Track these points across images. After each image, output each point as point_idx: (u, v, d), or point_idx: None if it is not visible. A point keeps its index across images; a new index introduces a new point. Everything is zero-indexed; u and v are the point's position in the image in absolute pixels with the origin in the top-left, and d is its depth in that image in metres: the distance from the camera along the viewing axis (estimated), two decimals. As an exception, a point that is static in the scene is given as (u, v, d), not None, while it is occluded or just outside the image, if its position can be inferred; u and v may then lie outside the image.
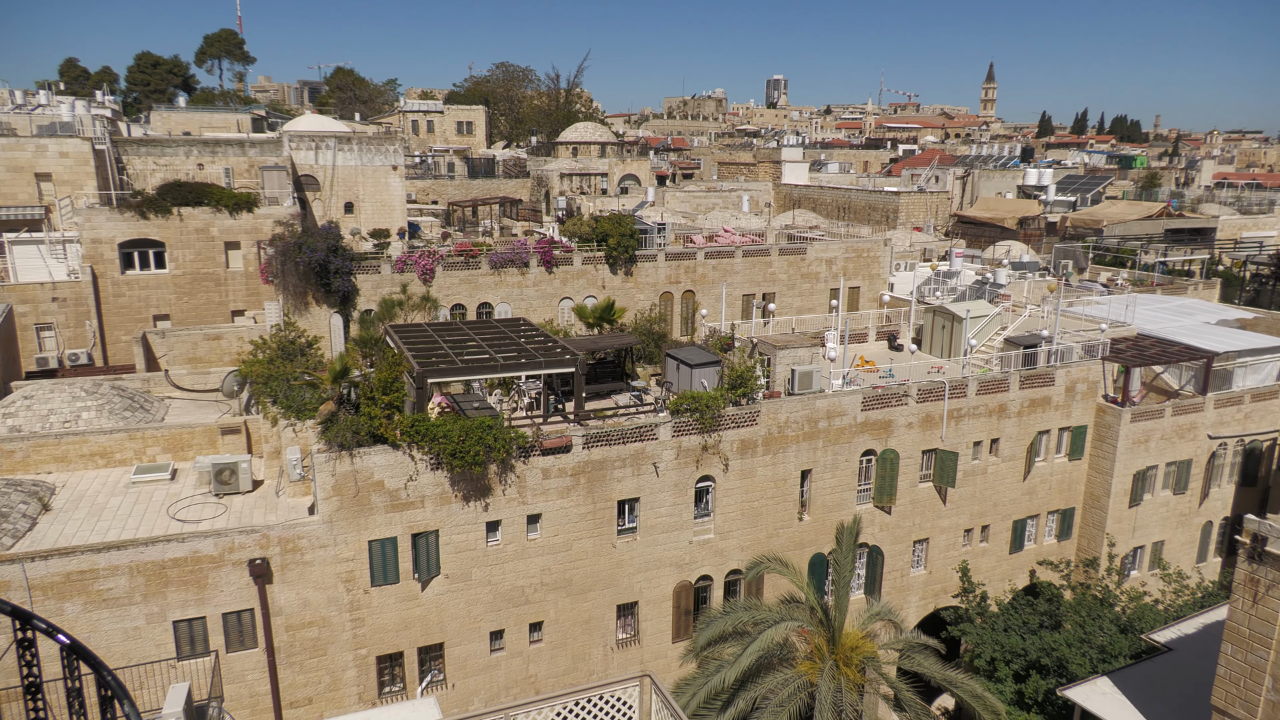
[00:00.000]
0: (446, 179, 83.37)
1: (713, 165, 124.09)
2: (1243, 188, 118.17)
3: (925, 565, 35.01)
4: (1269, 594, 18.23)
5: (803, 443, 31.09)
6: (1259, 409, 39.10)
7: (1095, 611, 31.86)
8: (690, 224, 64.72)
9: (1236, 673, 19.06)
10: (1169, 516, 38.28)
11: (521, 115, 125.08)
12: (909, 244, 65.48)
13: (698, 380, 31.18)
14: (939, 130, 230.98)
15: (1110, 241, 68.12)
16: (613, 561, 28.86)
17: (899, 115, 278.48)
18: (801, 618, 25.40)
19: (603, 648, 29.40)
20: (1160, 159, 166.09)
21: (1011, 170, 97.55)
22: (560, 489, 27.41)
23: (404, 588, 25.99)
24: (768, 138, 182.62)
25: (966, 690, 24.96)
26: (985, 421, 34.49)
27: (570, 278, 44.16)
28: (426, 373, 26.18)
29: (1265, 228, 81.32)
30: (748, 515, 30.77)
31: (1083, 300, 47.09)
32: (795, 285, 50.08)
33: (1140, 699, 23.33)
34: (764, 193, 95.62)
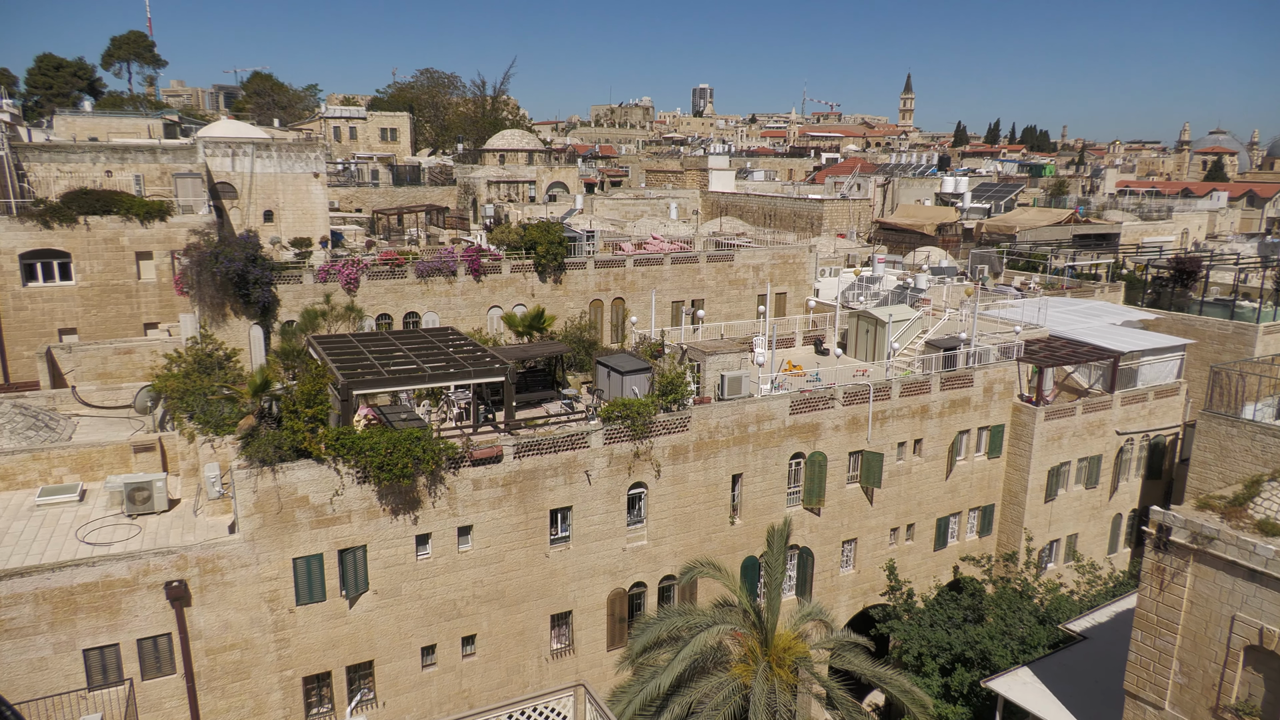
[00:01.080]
0: (371, 186, 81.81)
1: (641, 173, 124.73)
2: (1143, 195, 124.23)
3: (854, 565, 35.71)
4: (1174, 582, 19.15)
5: (733, 447, 31.41)
6: (1162, 405, 41.10)
7: (1015, 604, 32.95)
8: (619, 231, 64.92)
9: (1146, 658, 19.95)
10: (1082, 510, 39.88)
11: (447, 122, 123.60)
12: (833, 250, 66.93)
13: (629, 387, 31.24)
14: (860, 139, 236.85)
15: (1023, 247, 70.81)
16: (546, 571, 28.65)
17: (822, 124, 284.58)
18: (735, 621, 25.63)
19: (537, 659, 29.14)
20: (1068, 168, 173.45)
21: (930, 178, 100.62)
22: (491, 499, 27.11)
23: (331, 605, 25.32)
24: (694, 146, 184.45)
25: (896, 686, 25.53)
26: (909, 423, 35.41)
27: (499, 286, 43.78)
28: (352, 384, 25.60)
29: (1164, 233, 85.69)
30: (680, 521, 30.92)
31: (998, 304, 48.79)
32: (724, 292, 50.64)
33: (1058, 687, 24.21)
34: (692, 200, 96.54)
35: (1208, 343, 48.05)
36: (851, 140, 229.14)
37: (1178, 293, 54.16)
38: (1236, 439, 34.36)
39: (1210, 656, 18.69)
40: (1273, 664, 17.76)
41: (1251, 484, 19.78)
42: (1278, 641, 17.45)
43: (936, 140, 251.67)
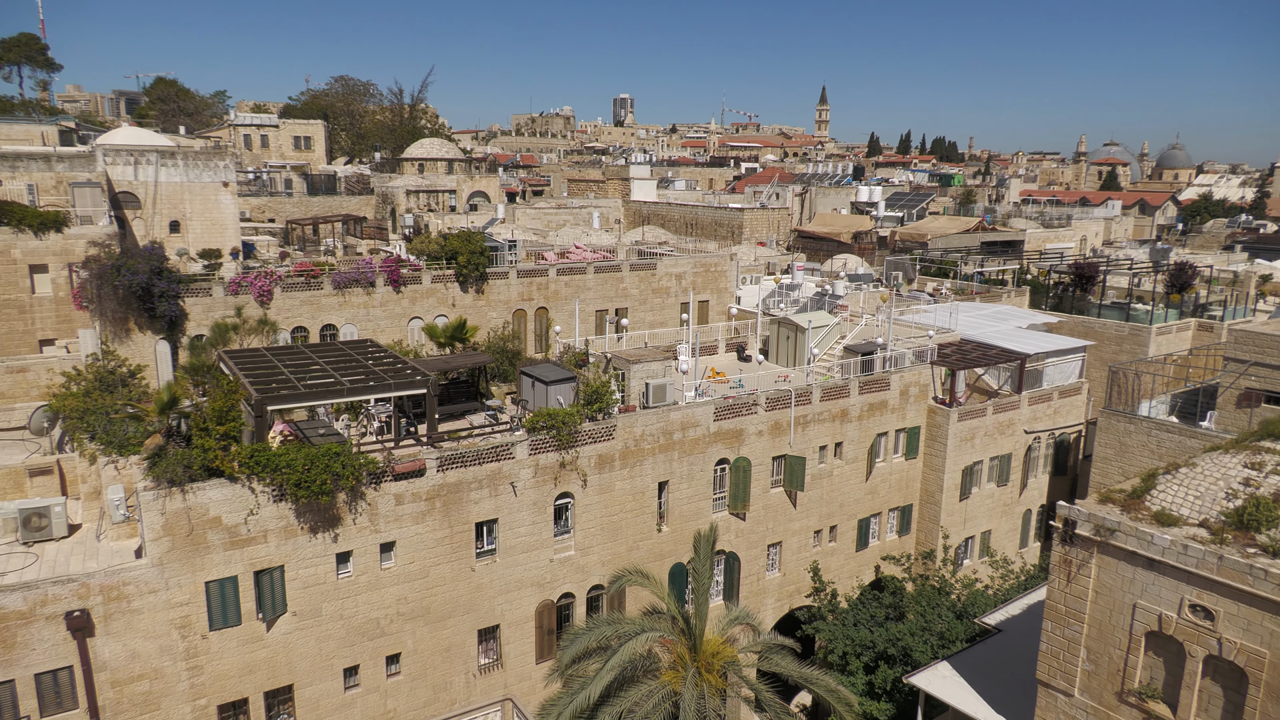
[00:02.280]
0: (284, 196, 79.52)
1: (562, 182, 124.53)
2: (1045, 204, 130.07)
3: (779, 568, 36.24)
4: (1080, 573, 20.02)
5: (659, 455, 31.56)
6: (1066, 404, 43.00)
7: (934, 600, 33.94)
8: (542, 241, 64.64)
9: (1056, 647, 20.79)
10: (994, 507, 41.37)
11: (364, 130, 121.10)
12: (754, 258, 67.99)
13: (553, 397, 31.09)
14: (778, 149, 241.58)
15: (934, 254, 73.25)
16: (472, 585, 28.23)
17: (741, 134, 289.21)
18: (663, 628, 25.69)
19: (465, 675, 28.67)
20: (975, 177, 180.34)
21: (845, 188, 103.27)
22: (415, 514, 26.58)
23: (247, 629, 24.42)
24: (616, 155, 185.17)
25: (822, 685, 25.96)
26: (829, 426, 36.18)
27: (419, 297, 43.08)
28: (266, 399, 24.81)
29: (1064, 240, 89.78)
30: (608, 530, 30.88)
31: (912, 309, 50.33)
32: (647, 300, 50.90)
33: (976, 679, 25.02)
34: (614, 209, 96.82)
35: (1106, 344, 50.51)
36: (770, 150, 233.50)
37: (1078, 296, 56.80)
38: (1134, 435, 36.18)
39: (1115, 643, 19.59)
40: (1171, 648, 18.72)
41: (1148, 477, 20.84)
42: (1175, 626, 18.41)
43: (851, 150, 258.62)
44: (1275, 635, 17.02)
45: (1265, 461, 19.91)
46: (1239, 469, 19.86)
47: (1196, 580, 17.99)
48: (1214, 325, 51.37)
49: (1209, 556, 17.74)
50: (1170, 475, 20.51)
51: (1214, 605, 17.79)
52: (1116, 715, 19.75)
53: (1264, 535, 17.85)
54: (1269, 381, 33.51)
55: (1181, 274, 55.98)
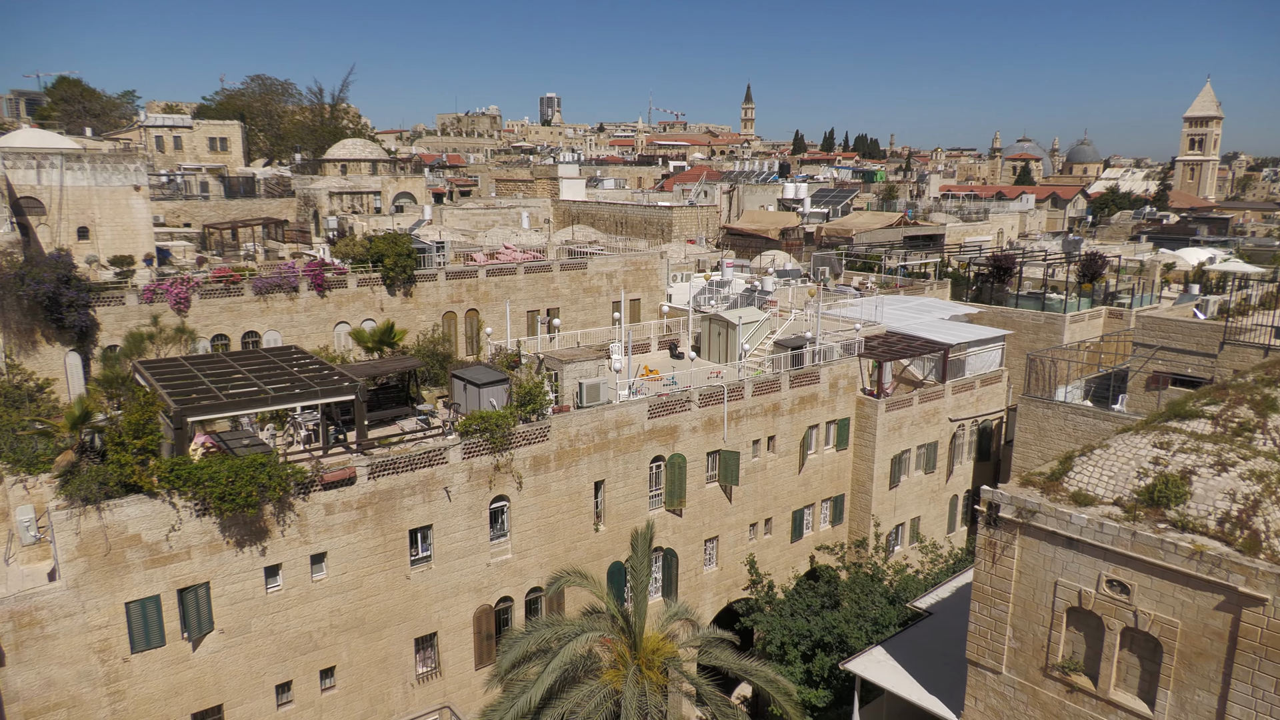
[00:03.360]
0: (200, 199, 76.85)
1: (490, 182, 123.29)
2: (963, 199, 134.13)
3: (717, 562, 36.57)
4: (1004, 554, 20.70)
5: (594, 454, 31.52)
6: (987, 392, 44.43)
7: (868, 587, 34.68)
8: (470, 242, 63.91)
9: (984, 627, 21.46)
10: (922, 494, 42.50)
11: (283, 131, 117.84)
12: (684, 256, 68.43)
13: (486, 400, 30.77)
14: (706, 147, 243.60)
15: (859, 249, 74.87)
16: (408, 594, 27.76)
17: (668, 133, 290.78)
18: (603, 627, 25.66)
19: (402, 685, 28.17)
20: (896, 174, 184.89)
21: (772, 185, 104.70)
22: (346, 524, 26.01)
23: (172, 649, 23.55)
24: (544, 154, 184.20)
25: (761, 676, 26.28)
26: (762, 420, 36.65)
27: (345, 301, 42.16)
28: (185, 411, 23.95)
29: (982, 233, 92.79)
30: (545, 531, 30.72)
31: (839, 303, 51.33)
32: (578, 300, 50.79)
33: (909, 662, 25.65)
34: (543, 209, 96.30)
35: (1024, 333, 52.37)
36: (697, 148, 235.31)
37: (996, 288, 58.74)
38: (1052, 419, 37.58)
39: (1038, 620, 20.32)
40: (1091, 622, 19.51)
41: (1065, 460, 21.66)
42: (1094, 601, 19.19)
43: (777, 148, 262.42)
44: (1186, 606, 17.88)
45: (1173, 441, 20.88)
46: (1149, 449, 20.78)
47: (1112, 556, 18.78)
48: (1123, 312, 53.72)
49: (1123, 533, 18.53)
50: (1086, 457, 21.35)
51: (1129, 580, 18.59)
52: (1042, 689, 20.49)
53: (1173, 511, 18.73)
54: (1175, 365, 35.18)
55: (1092, 264, 58.39)
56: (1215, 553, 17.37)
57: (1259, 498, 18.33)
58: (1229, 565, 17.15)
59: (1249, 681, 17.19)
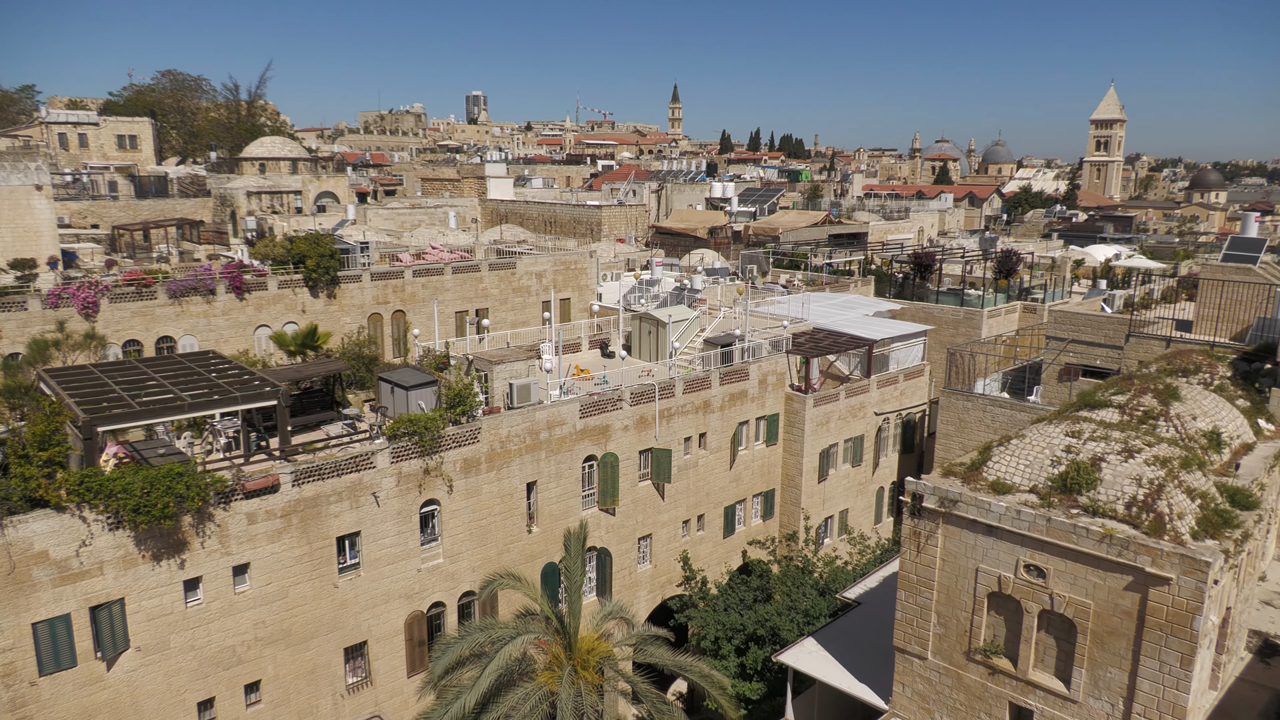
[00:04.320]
0: (109, 200, 73.63)
1: (416, 181, 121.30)
2: (885, 198, 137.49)
3: (651, 560, 36.71)
4: (928, 543, 21.31)
5: (526, 455, 31.31)
6: (911, 386, 45.64)
7: (798, 580, 35.28)
8: (396, 242, 62.76)
9: (910, 614, 22.05)
10: (850, 487, 43.43)
11: (197, 129, 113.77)
12: (613, 255, 68.50)
13: (414, 402, 30.27)
14: (634, 146, 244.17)
15: (786, 247, 76.04)
16: (336, 602, 27.12)
17: (596, 132, 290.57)
18: (538, 629, 25.50)
19: (332, 696, 27.52)
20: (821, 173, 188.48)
21: (700, 184, 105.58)
22: (270, 533, 25.26)
23: (84, 670, 22.52)
24: (471, 153, 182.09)
25: (695, 672, 26.48)
26: (693, 418, 36.94)
27: (266, 304, 40.95)
28: (95, 420, 22.93)
29: (904, 231, 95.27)
30: (477, 534, 30.38)
31: (767, 300, 52.08)
32: (508, 300, 50.38)
33: (839, 651, 26.19)
34: (470, 208, 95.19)
35: (944, 327, 53.98)
36: (625, 148, 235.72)
37: (918, 284, 60.40)
38: (972, 411, 38.83)
39: (961, 606, 20.98)
40: (1010, 606, 20.23)
41: (984, 450, 22.41)
42: (1013, 586, 19.90)
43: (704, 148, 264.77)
44: (1098, 587, 18.68)
45: (1083, 429, 21.80)
46: (1061, 437, 21.65)
47: (1029, 542, 19.51)
48: (1037, 307, 55.82)
49: (1039, 519, 19.27)
50: (1003, 447, 22.12)
51: (1045, 564, 19.34)
52: (965, 673, 21.16)
53: (1084, 497, 19.55)
54: (1084, 357, 36.72)
55: (1007, 261, 60.51)
56: (1124, 535, 18.21)
57: (1163, 482, 19.27)
58: (1136, 547, 17.99)
59: (1156, 657, 18.06)
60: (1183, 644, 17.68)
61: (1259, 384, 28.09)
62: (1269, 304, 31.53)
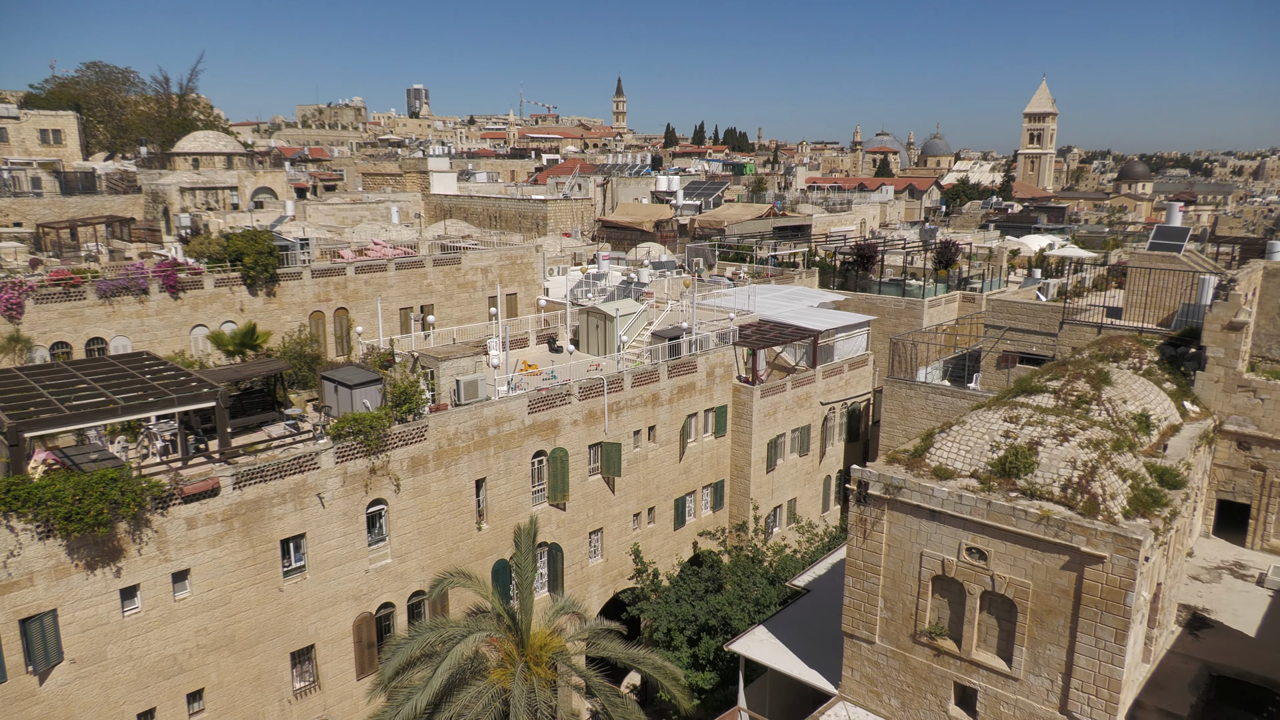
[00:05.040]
0: (32, 196, 70.76)
1: (357, 176, 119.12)
2: (828, 190, 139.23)
3: (602, 554, 36.73)
4: (874, 529, 21.71)
5: (474, 452, 31.04)
6: (855, 376, 46.38)
7: (749, 569, 35.65)
8: (337, 238, 61.56)
9: (857, 599, 22.45)
10: (798, 476, 44.00)
11: (125, 123, 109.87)
12: (560, 249, 68.19)
13: (359, 401, 29.77)
14: (578, 140, 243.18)
15: (731, 239, 76.55)
16: (281, 606, 26.58)
17: (540, 126, 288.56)
18: (489, 627, 25.34)
19: (279, 702, 26.98)
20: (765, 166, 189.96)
21: (645, 178, 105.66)
22: (210, 537, 24.64)
23: (15, 686, 21.72)
24: (413, 148, 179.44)
25: (648, 664, 26.61)
26: (642, 411, 37.02)
27: (202, 303, 39.85)
28: (22, 425, 22.08)
29: (846, 223, 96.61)
30: (425, 533, 30.04)
31: (714, 293, 52.39)
32: (453, 295, 49.82)
33: (789, 639, 26.55)
34: (413, 204, 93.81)
35: (887, 317, 54.95)
36: (570, 141, 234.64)
37: (861, 275, 61.32)
38: (914, 399, 39.61)
39: (907, 590, 21.43)
40: (954, 589, 20.73)
41: (927, 437, 22.89)
42: (956, 569, 20.39)
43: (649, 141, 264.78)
44: (1036, 567, 19.24)
45: (1021, 415, 22.41)
46: (1000, 423, 22.22)
47: (971, 525, 20.00)
48: (975, 296, 57.15)
49: (979, 503, 19.77)
50: (945, 434, 22.63)
51: (986, 546, 19.85)
52: (912, 655, 21.63)
53: (1023, 480, 20.11)
54: (1021, 344, 37.71)
55: (946, 251, 61.81)
56: (1060, 517, 18.78)
57: (1096, 464, 19.91)
58: (1072, 528, 18.57)
59: (1092, 634, 18.68)
60: (1117, 620, 18.32)
61: (1184, 368, 29.18)
62: (1193, 290, 32.74)
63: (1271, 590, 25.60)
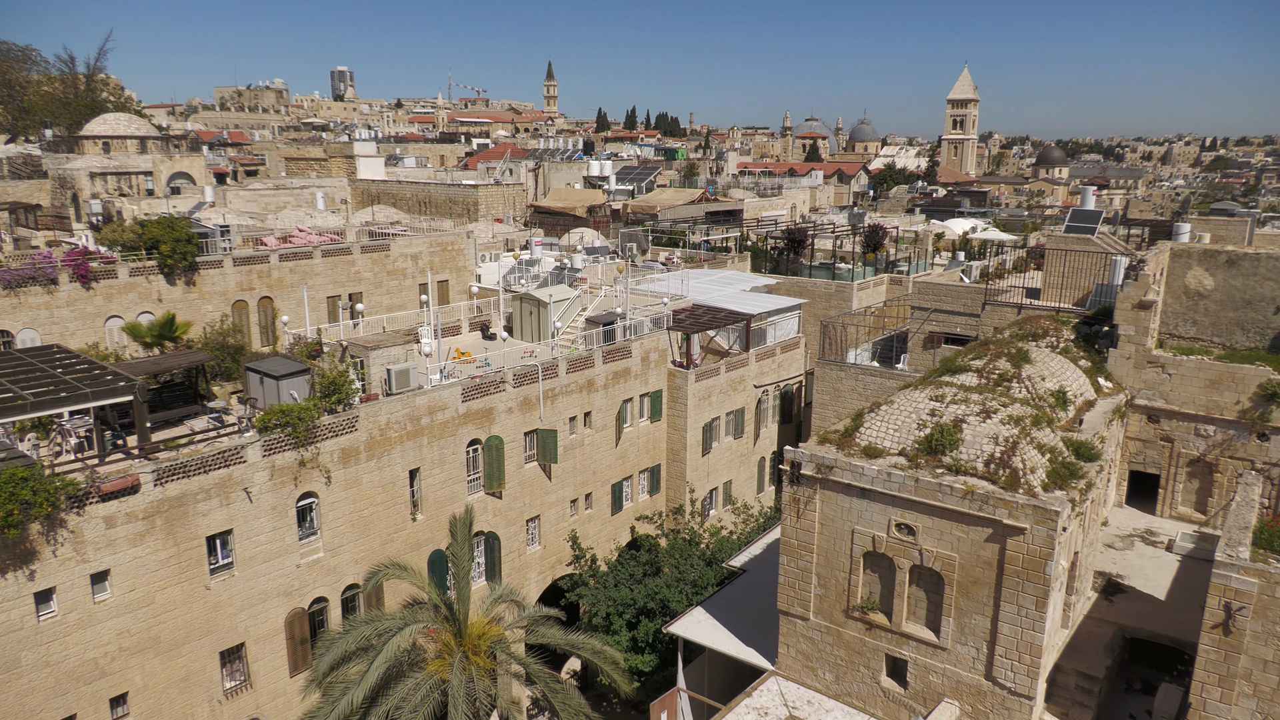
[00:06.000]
0: (-74, 182, 66.88)
1: (280, 161, 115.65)
2: (759, 175, 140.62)
3: (540, 541, 36.64)
4: (807, 508, 22.13)
5: (407, 442, 30.58)
6: (788, 358, 47.08)
7: (686, 552, 36.00)
8: (261, 225, 59.74)
9: (792, 578, 22.89)
10: (733, 459, 44.53)
11: (27, 104, 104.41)
12: (492, 235, 67.43)
13: (286, 392, 29.01)
14: (509, 125, 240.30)
15: (664, 224, 76.72)
16: (209, 605, 25.84)
17: (470, 110, 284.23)
18: (426, 618, 25.08)
19: (208, 703, 26.27)
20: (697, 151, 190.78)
21: (577, 163, 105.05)
22: (131, 536, 23.77)
23: (-79, 697, 20.67)
24: (338, 131, 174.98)
25: (588, 649, 26.70)
26: (578, 397, 36.95)
27: (117, 293, 38.27)
28: (-79, 425, 20.91)
29: (777, 208, 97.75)
30: (358, 525, 29.52)
31: (648, 278, 52.48)
32: (382, 283, 48.87)
33: (726, 619, 26.94)
34: (340, 189, 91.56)
35: (817, 301, 55.86)
36: (501, 126, 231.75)
37: (792, 259, 62.20)
38: (845, 380, 40.43)
39: (840, 567, 21.93)
40: (884, 564, 21.30)
41: (857, 417, 23.40)
42: (886, 545, 20.95)
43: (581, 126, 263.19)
44: (962, 541, 19.89)
45: (946, 394, 23.07)
46: (926, 402, 22.85)
47: (900, 502, 20.56)
48: (902, 279, 58.49)
49: (908, 480, 20.32)
50: (874, 413, 23.17)
51: (914, 522, 20.44)
52: (845, 630, 22.17)
53: (948, 457, 20.73)
54: (946, 325, 38.77)
55: (874, 235, 63.09)
56: (984, 491, 19.43)
57: (1017, 439, 20.64)
58: (995, 501, 19.24)
59: (1014, 602, 19.42)
60: (1037, 588, 19.07)
61: (1098, 345, 30.42)
62: (1106, 271, 34.09)
63: (1179, 555, 26.98)
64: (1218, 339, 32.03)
